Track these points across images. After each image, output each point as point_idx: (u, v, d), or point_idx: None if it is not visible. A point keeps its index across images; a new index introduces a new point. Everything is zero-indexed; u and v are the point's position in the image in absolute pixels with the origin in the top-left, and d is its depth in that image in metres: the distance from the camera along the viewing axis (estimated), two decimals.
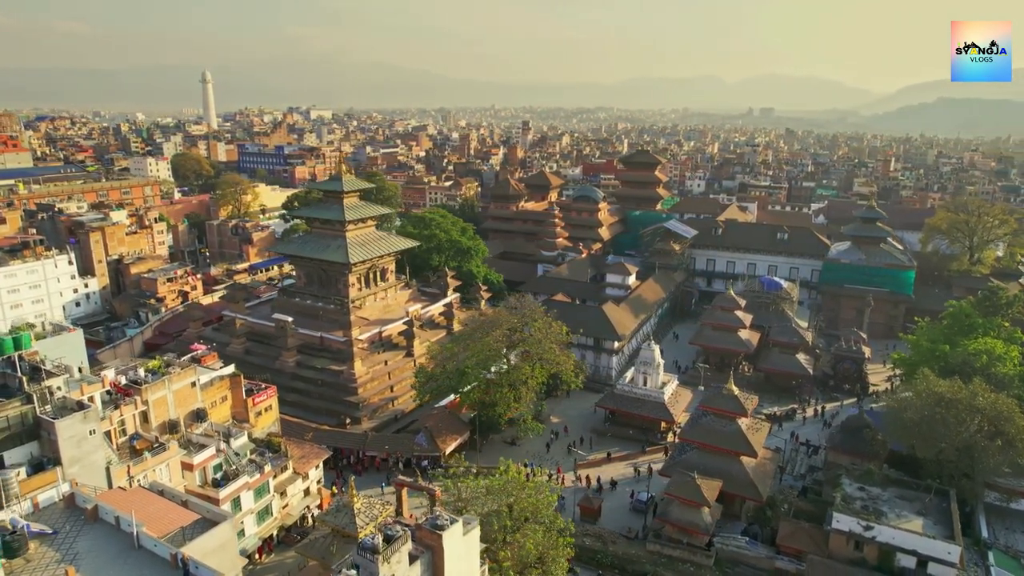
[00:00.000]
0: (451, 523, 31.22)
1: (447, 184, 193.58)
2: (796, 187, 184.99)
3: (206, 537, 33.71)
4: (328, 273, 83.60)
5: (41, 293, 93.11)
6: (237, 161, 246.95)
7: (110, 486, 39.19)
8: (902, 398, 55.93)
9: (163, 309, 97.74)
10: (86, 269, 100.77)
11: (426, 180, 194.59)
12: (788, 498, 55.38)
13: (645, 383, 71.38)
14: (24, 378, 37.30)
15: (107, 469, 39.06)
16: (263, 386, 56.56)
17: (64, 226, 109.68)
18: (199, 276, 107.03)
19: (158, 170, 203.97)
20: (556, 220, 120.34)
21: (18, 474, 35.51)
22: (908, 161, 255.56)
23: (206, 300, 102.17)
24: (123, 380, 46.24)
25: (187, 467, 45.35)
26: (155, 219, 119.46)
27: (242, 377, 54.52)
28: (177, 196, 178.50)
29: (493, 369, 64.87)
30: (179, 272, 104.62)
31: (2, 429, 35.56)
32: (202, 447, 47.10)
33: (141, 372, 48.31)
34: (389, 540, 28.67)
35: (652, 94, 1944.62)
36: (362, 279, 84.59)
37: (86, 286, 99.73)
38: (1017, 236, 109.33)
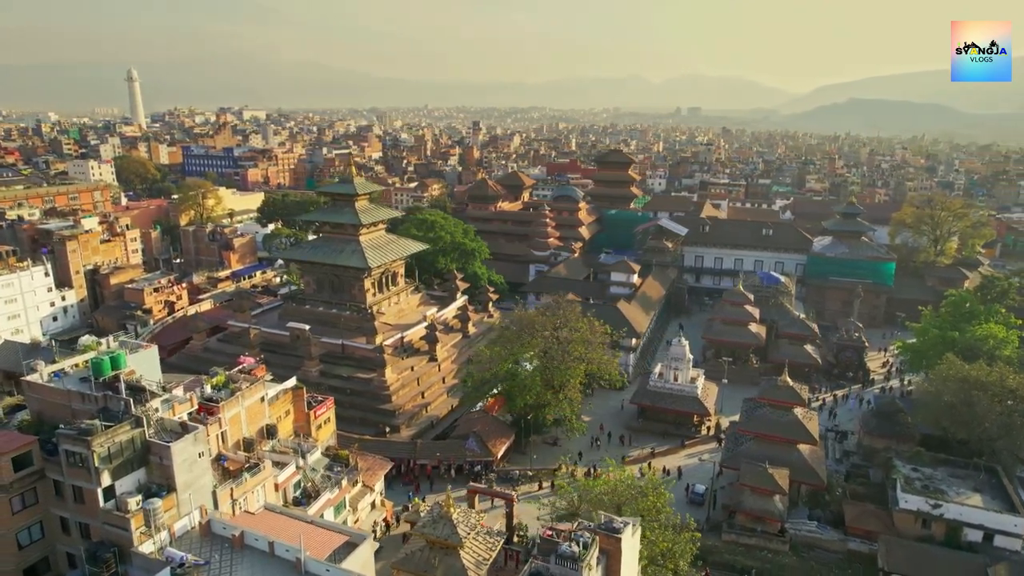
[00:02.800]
0: (625, 526, 31.23)
1: (412, 185, 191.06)
2: (752, 184, 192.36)
3: (352, 559, 32.56)
4: (341, 279, 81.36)
5: (17, 308, 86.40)
6: (182, 164, 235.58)
7: (216, 509, 37.08)
8: (937, 383, 59.22)
9: (151, 321, 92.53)
10: (62, 281, 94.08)
11: (390, 181, 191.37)
12: (838, 482, 57.95)
13: (676, 378, 73.02)
14: (130, 400, 34.74)
15: (214, 493, 36.88)
16: (320, 398, 54.55)
17: (27, 235, 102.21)
18: (184, 285, 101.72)
19: (100, 173, 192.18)
20: (547, 220, 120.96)
21: (137, 502, 33.13)
22: (844, 159, 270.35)
23: (193, 310, 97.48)
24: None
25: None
26: (126, 226, 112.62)
27: (304, 390, 52.42)
28: (124, 201, 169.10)
29: (530, 367, 65.04)
30: (162, 281, 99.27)
31: (115, 455, 33.02)
32: (282, 465, 45.09)
33: (208, 389, 45.74)
34: (585, 547, 28.47)
35: (580, 94, 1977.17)
36: (376, 284, 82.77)
37: (63, 299, 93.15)
38: (977, 228, 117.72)
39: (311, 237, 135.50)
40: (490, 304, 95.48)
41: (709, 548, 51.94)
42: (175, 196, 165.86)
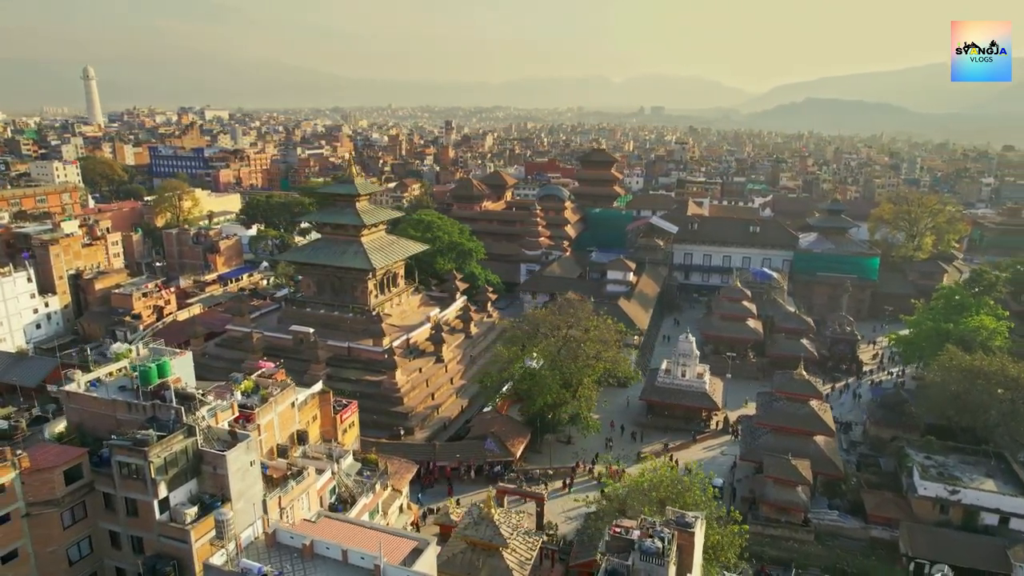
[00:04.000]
0: (695, 520, 31.59)
1: (391, 185, 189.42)
2: (728, 183, 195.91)
3: (420, 563, 32.15)
4: (343, 281, 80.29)
5: (0, 315, 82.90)
6: (149, 165, 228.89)
7: (265, 518, 36.28)
8: (942, 373, 61.20)
9: (141, 327, 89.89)
10: (44, 287, 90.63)
11: (370, 182, 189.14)
12: (851, 471, 59.52)
13: (683, 374, 73.99)
14: (181, 409, 33.72)
15: (264, 502, 36.09)
16: (344, 402, 53.78)
17: (2, 240, 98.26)
18: (172, 290, 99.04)
19: (66, 175, 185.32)
20: (539, 220, 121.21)
21: (194, 513, 32.21)
22: (812, 157, 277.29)
23: (183, 315, 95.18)
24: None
25: None
26: (106, 229, 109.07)
27: (331, 394, 51.60)
28: (91, 203, 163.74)
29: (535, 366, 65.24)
30: (149, 286, 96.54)
31: (170, 465, 32.03)
32: (319, 471, 44.31)
33: (238, 395, 44.68)
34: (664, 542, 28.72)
35: (543, 93, 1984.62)
36: (378, 285, 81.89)
37: (47, 305, 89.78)
38: (952, 224, 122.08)
39: (299, 239, 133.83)
40: (488, 304, 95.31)
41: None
42: (149, 198, 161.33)
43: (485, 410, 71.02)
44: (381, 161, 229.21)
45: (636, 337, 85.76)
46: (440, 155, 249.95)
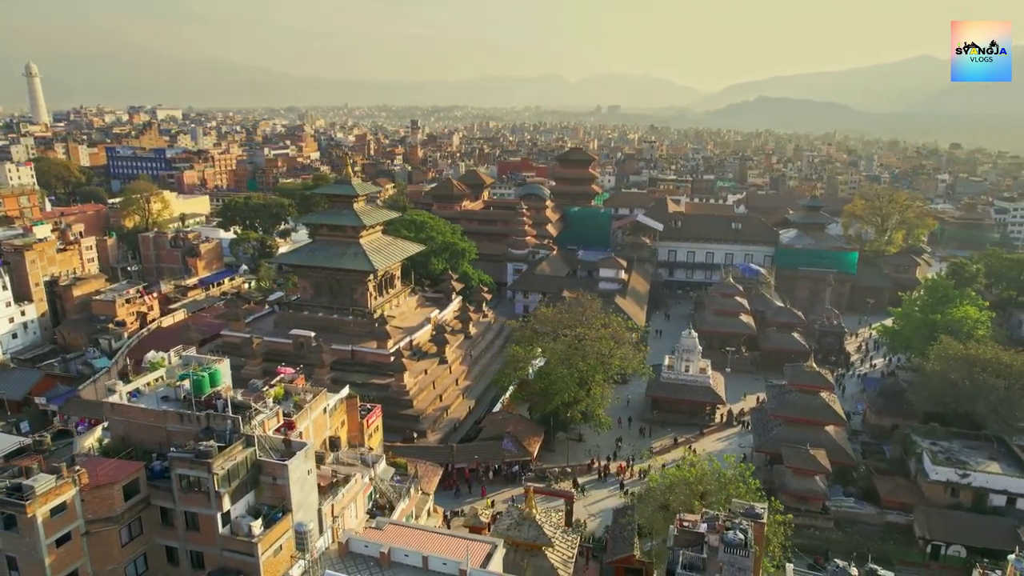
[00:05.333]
0: (763, 511, 32.22)
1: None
2: (697, 180, 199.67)
3: (493, 565, 32.02)
4: (342, 283, 78.91)
5: None
6: (106, 166, 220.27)
7: (321, 527, 35.54)
8: (940, 362, 63.63)
9: (125, 335, 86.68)
10: (20, 295, 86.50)
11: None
12: (859, 459, 61.47)
13: (687, 369, 75.23)
14: (238, 418, 32.70)
15: (319, 510, 35.32)
16: (369, 407, 52.93)
17: None
18: (154, 295, 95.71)
19: (19, 177, 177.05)
20: (525, 219, 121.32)
21: (259, 526, 31.30)
22: (775, 155, 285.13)
23: (167, 321, 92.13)
24: None
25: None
26: (79, 234, 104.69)
27: (357, 399, 50.71)
28: (48, 207, 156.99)
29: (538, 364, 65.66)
30: (131, 292, 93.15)
31: (232, 476, 31.05)
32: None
33: (270, 402, 43.54)
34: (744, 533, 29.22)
35: (500, 92, 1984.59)
36: (376, 287, 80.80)
37: (23, 314, 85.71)
38: (921, 219, 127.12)
39: (280, 241, 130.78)
40: (484, 304, 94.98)
41: None
42: (114, 200, 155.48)
43: (495, 410, 70.90)
44: (351, 161, 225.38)
45: (633, 335, 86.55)
46: (410, 155, 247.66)
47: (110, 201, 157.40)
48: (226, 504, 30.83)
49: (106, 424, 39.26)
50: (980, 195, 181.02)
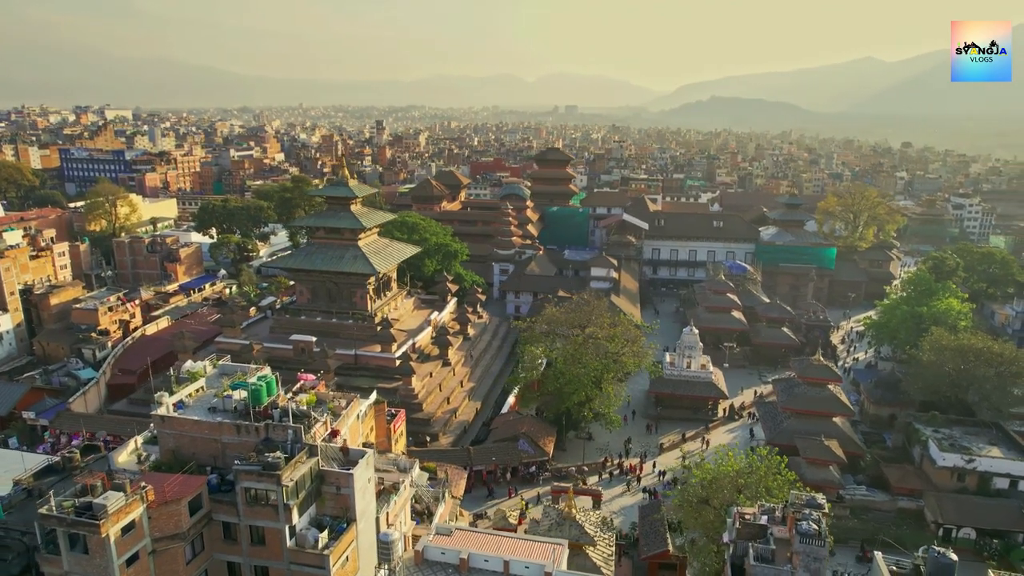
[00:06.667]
0: (823, 502, 33.00)
1: None
2: (668, 179, 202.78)
3: (561, 566, 31.94)
4: (341, 286, 77.60)
5: None
6: (60, 168, 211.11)
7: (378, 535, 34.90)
8: (936, 353, 66.11)
9: (109, 344, 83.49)
10: None
11: (315, 183, 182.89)
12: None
13: (689, 365, 76.42)
14: (300, 428, 31.85)
15: (378, 519, 34.73)
16: (393, 412, 52.18)
17: None
18: (136, 303, 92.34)
19: None
20: (511, 219, 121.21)
21: (324, 538, 30.59)
22: (739, 154, 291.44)
23: (150, 329, 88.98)
24: None
25: None
26: (51, 240, 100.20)
27: (385, 404, 49.94)
28: (1, 212, 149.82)
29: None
30: (111, 299, 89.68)
31: (299, 488, 30.26)
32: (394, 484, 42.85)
33: (325, 410, 42.54)
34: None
35: (456, 92, 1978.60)
36: (374, 290, 79.72)
37: None
38: (891, 215, 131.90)
39: (260, 244, 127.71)
40: (478, 305, 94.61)
41: None
42: (76, 204, 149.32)
43: (503, 412, 70.72)
44: (320, 162, 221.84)
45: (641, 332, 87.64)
46: (378, 155, 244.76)
47: (72, 205, 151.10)
48: (295, 517, 30.02)
49: (140, 438, 37.86)
50: (937, 192, 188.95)
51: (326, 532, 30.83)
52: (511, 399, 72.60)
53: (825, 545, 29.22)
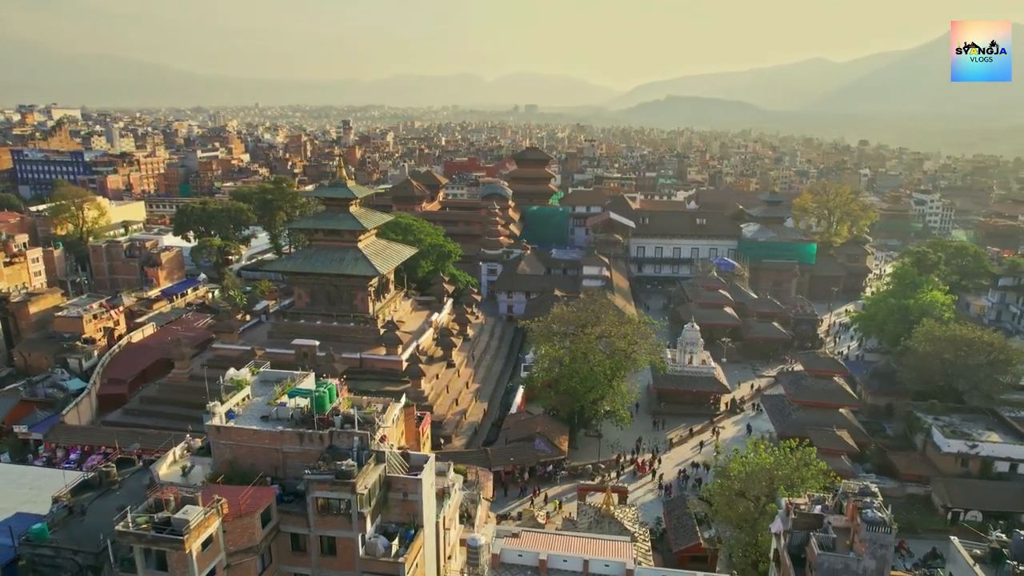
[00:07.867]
0: (876, 489, 33.97)
1: (309, 188, 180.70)
2: (640, 178, 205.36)
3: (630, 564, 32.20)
4: (340, 289, 76.52)
5: None
6: (12, 170, 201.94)
7: (438, 541, 34.60)
8: (930, 344, 68.50)
9: (95, 352, 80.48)
10: None
11: (295, 184, 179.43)
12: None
13: (691, 361, 77.67)
14: (367, 435, 31.28)
15: (437, 524, 34.39)
16: (419, 415, 51.59)
17: None
18: (120, 309, 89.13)
19: None
20: (498, 219, 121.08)
21: (395, 546, 30.16)
22: (707, 152, 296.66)
23: (136, 336, 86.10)
24: None
25: None
26: (24, 245, 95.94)
27: (415, 407, 49.35)
28: None
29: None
30: (94, 306, 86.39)
31: (371, 496, 29.77)
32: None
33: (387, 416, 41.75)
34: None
35: (415, 91, 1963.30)
36: (375, 292, 78.77)
37: None
38: (865, 211, 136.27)
39: (242, 247, 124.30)
40: (474, 305, 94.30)
41: None
42: (39, 208, 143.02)
43: (512, 411, 70.69)
44: (290, 163, 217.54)
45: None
46: (347, 156, 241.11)
47: (34, 209, 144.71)
48: (368, 525, 29.50)
49: (178, 450, 36.61)
50: (899, 188, 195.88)
51: (396, 540, 30.36)
52: (518, 399, 72.71)
53: (891, 531, 30.12)
